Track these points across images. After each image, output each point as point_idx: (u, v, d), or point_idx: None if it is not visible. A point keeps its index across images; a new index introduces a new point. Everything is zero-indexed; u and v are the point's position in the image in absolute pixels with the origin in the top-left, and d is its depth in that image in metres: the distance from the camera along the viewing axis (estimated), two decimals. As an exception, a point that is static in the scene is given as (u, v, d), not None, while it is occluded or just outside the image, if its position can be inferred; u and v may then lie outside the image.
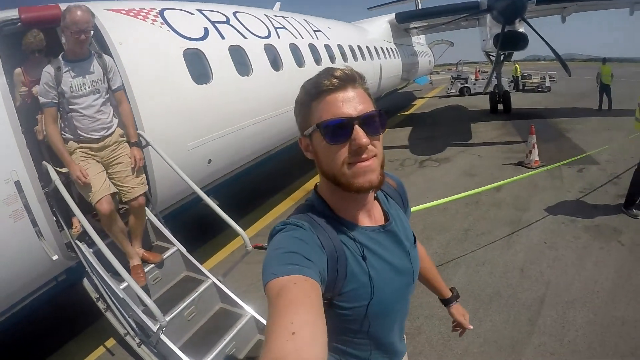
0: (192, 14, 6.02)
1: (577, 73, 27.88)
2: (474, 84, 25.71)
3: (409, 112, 20.94)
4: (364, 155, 1.14)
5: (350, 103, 1.14)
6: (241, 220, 6.72)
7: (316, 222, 1.21)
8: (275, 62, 7.08)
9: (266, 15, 8.00)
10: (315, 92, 1.17)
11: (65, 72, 3.56)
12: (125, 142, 3.98)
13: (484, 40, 15.07)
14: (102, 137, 3.78)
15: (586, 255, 5.55)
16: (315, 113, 1.18)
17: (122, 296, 3.50)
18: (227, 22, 6.53)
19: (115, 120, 3.92)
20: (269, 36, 7.26)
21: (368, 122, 1.15)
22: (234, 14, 6.96)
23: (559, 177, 8.53)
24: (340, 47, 10.23)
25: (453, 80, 27.83)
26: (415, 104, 24.22)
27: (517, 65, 28.76)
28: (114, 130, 3.88)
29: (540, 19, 17.91)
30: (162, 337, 3.30)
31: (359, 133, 1.12)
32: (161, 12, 5.37)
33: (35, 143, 3.98)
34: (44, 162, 3.77)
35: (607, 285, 4.85)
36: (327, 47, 9.39)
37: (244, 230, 4.12)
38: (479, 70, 30.61)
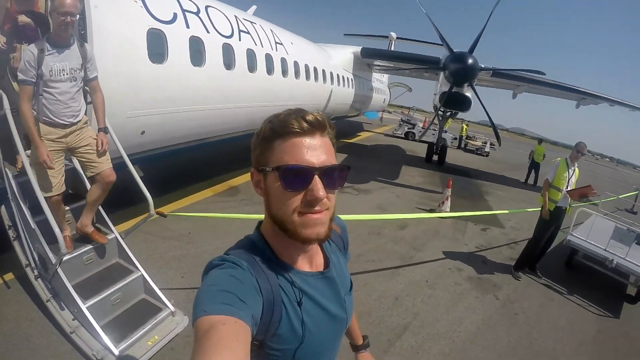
0: None
1: (521, 147, 29.50)
2: (420, 131, 27.11)
3: (351, 141, 21.83)
4: (317, 208, 1.14)
5: (315, 151, 1.13)
6: (160, 197, 7.09)
7: (256, 262, 1.20)
8: (229, 62, 7.54)
9: (236, 16, 8.46)
10: (281, 130, 1.13)
11: (47, 55, 3.70)
12: (88, 126, 4.21)
13: (435, 95, 15.83)
14: (70, 123, 3.97)
15: (460, 300, 6.11)
16: (276, 152, 1.15)
17: (33, 227, 3.90)
18: (197, 13, 6.97)
19: (84, 109, 4.12)
20: (231, 36, 7.74)
21: (328, 175, 1.14)
22: (206, 7, 7.40)
23: (462, 230, 9.36)
24: (296, 63, 10.79)
25: (401, 123, 29.23)
26: (360, 135, 25.20)
27: (464, 125, 30.71)
28: (81, 119, 4.08)
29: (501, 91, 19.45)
30: (59, 270, 3.75)
31: (317, 185, 1.12)
32: None
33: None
34: None
35: (471, 328, 5.38)
36: (282, 60, 9.92)
37: (160, 206, 4.61)
38: (427, 120, 32.16)
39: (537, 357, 5.16)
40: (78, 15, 3.83)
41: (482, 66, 14.08)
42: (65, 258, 3.88)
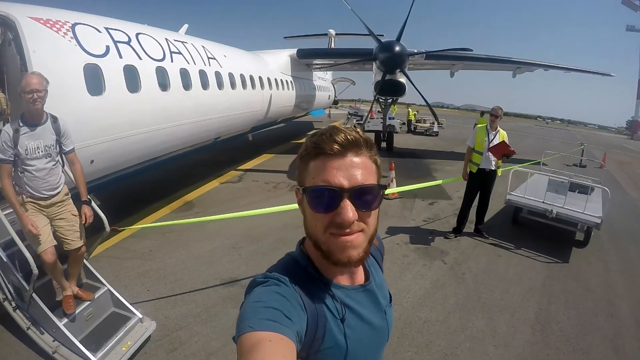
0: (100, 31, 6.86)
1: (471, 122, 30.71)
2: (369, 121, 27.97)
3: (300, 141, 22.09)
4: (348, 230, 1.12)
5: (346, 172, 1.12)
6: (122, 221, 7.49)
7: (299, 279, 1.21)
8: (164, 83, 8.04)
9: (166, 39, 8.93)
10: (314, 152, 1.15)
11: (22, 134, 3.94)
12: (69, 199, 4.43)
13: (372, 85, 16.39)
14: (50, 196, 4.19)
15: (408, 269, 6.59)
16: (310, 173, 1.16)
17: (5, 260, 4.30)
18: (128, 42, 7.44)
19: (62, 181, 4.34)
20: (163, 59, 8.24)
21: (360, 196, 1.12)
22: (137, 35, 7.86)
23: (409, 208, 10.06)
24: (230, 75, 11.33)
25: (349, 116, 30.38)
26: (310, 134, 25.50)
27: (410, 109, 32.03)
28: (61, 190, 4.30)
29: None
30: (34, 295, 4.17)
31: (346, 207, 1.10)
32: (73, 27, 6.25)
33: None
34: None
35: (419, 293, 5.86)
36: (217, 74, 10.45)
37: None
38: (373, 110, 33.22)
39: (485, 308, 5.67)
40: (45, 91, 4.02)
41: (414, 51, 14.92)
42: (38, 284, 4.25)
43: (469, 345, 4.90)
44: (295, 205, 1.28)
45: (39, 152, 4.05)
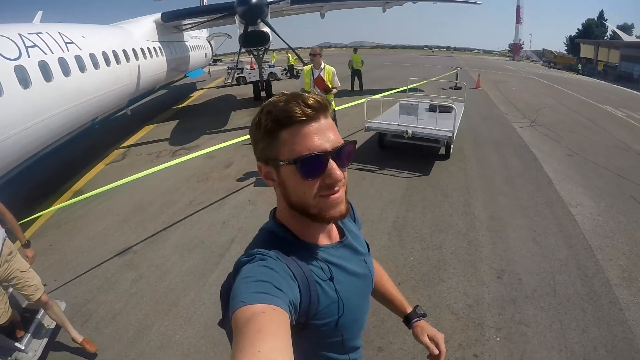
0: None
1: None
2: (249, 73, 28.48)
3: (182, 105, 22.35)
4: (336, 188, 1.21)
5: (324, 135, 1.18)
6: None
7: (281, 249, 1.25)
8: (25, 81, 8.15)
9: (19, 34, 8.87)
10: (286, 121, 1.16)
11: None
12: (15, 256, 4.25)
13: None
14: None
15: (275, 204, 7.66)
16: (286, 144, 1.18)
17: None
18: None
19: (1, 237, 4.10)
20: (19, 57, 8.32)
21: (340, 154, 1.21)
22: None
23: None
24: (92, 55, 11.38)
25: (229, 71, 30.45)
26: (192, 96, 25.77)
27: (290, 55, 32.89)
28: (1, 251, 4.07)
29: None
30: None
31: (334, 168, 1.19)
32: None
33: None
34: None
35: None
36: (77, 57, 10.49)
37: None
38: (254, 61, 33.64)
39: (345, 226, 6.81)
40: None
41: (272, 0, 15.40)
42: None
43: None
44: (164, 165, 1.58)
45: None
